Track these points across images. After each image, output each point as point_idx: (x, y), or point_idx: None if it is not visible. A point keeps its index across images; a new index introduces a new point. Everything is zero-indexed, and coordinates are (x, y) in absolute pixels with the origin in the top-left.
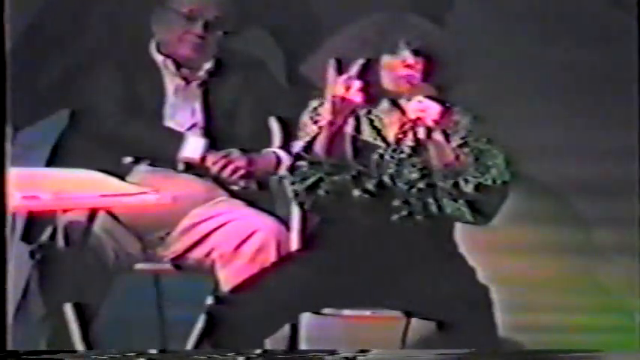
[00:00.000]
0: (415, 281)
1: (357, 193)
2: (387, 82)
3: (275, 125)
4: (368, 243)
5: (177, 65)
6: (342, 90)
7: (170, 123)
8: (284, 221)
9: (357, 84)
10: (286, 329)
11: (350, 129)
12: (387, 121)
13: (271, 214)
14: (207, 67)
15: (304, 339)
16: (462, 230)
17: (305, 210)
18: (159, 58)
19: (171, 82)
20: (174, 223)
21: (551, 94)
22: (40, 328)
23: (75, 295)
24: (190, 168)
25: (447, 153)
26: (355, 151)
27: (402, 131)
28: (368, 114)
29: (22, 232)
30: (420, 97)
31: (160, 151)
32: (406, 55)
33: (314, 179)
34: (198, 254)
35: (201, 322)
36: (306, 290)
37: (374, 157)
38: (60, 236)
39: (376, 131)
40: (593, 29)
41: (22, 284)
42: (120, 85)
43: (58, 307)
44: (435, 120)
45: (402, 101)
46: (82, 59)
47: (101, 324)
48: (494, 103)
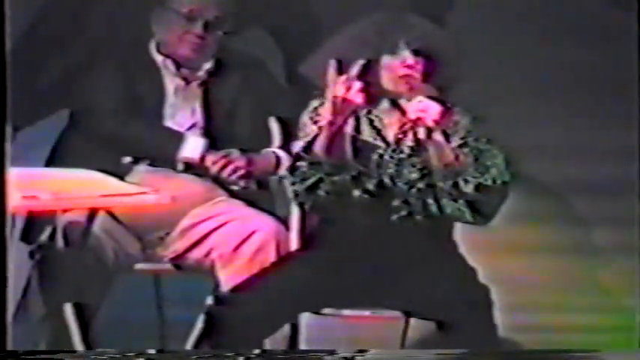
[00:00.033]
0: (415, 281)
1: (357, 193)
2: (387, 82)
3: (275, 125)
4: (368, 243)
5: (177, 65)
6: (343, 91)
7: (170, 123)
8: (283, 221)
9: (358, 85)
10: (286, 329)
11: (350, 129)
12: (387, 122)
13: (271, 214)
14: (207, 67)
15: (304, 339)
16: (462, 230)
17: (305, 210)
18: (159, 58)
19: (171, 82)
20: (173, 223)
21: (551, 94)
22: (40, 328)
23: (75, 295)
24: (190, 168)
25: (446, 153)
26: (355, 152)
27: (401, 131)
28: (368, 114)
29: (21, 232)
30: (421, 98)
31: (160, 151)
32: (406, 56)
33: (314, 179)
34: (197, 254)
35: (201, 322)
36: (306, 290)
37: (374, 157)
38: (59, 236)
39: (376, 131)
40: (593, 29)
41: (22, 284)
42: (120, 85)
43: (57, 307)
44: (435, 120)
45: (402, 101)
46: (82, 59)
47: (101, 324)
48: (494, 103)
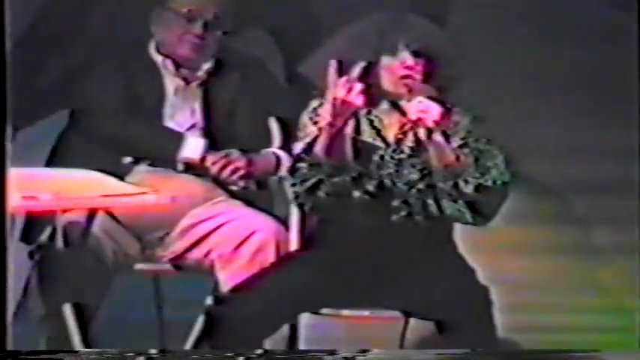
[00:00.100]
0: (414, 281)
1: (357, 194)
2: (386, 83)
3: (274, 125)
4: (367, 243)
5: (177, 65)
6: (343, 92)
7: (170, 123)
8: (283, 222)
9: (358, 86)
10: (285, 329)
11: (350, 130)
12: (387, 122)
13: (270, 214)
14: (206, 67)
15: (303, 339)
16: (462, 231)
17: (305, 211)
18: (158, 58)
19: (171, 83)
20: (173, 223)
21: (551, 94)
22: (40, 328)
23: (74, 296)
24: (190, 168)
25: (446, 154)
26: (355, 152)
27: (402, 132)
28: (368, 115)
29: (21, 232)
30: (421, 98)
31: (160, 152)
32: (406, 57)
33: (314, 181)
34: (197, 254)
35: (201, 322)
36: (305, 290)
37: (374, 158)
38: (59, 236)
39: (376, 132)
40: (593, 29)
41: (21, 284)
42: (120, 85)
43: (57, 307)
44: (435, 121)
45: (403, 102)
46: (82, 59)
47: (100, 324)
48: (494, 103)
